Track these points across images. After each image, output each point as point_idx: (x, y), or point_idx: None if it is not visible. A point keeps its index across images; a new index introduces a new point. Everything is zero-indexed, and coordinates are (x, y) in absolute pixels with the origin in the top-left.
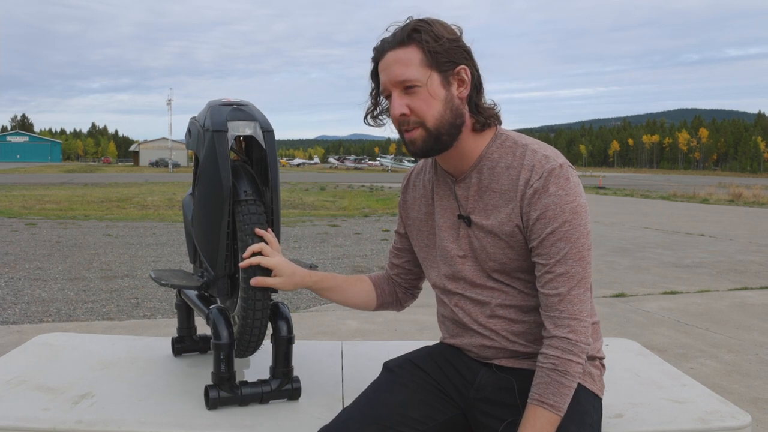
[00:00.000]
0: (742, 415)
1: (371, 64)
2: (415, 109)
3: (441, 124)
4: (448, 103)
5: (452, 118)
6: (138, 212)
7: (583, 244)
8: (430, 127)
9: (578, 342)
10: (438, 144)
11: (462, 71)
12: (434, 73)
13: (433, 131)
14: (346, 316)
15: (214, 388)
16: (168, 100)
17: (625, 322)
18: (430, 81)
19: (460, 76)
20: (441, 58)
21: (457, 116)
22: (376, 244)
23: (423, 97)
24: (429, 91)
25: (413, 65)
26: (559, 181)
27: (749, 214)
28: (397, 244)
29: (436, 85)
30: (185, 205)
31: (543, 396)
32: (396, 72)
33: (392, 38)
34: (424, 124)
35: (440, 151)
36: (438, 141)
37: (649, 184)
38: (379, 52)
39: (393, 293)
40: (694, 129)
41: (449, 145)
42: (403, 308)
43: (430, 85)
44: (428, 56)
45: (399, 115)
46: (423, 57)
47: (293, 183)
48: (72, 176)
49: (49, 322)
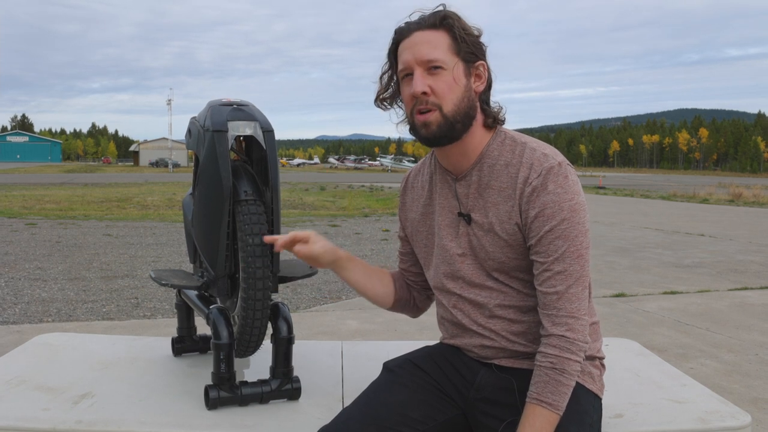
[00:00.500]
0: (742, 415)
1: (390, 44)
2: (437, 90)
3: (458, 111)
4: (467, 92)
5: (468, 108)
6: (138, 212)
7: (581, 242)
8: (447, 112)
9: (576, 340)
10: (451, 131)
11: (481, 66)
12: (460, 61)
13: (450, 117)
14: (346, 316)
15: (214, 388)
16: (168, 100)
17: (625, 322)
18: (456, 67)
19: (479, 71)
20: (467, 49)
21: (471, 107)
22: (376, 244)
23: (446, 81)
24: (453, 76)
25: (441, 48)
26: (558, 179)
27: (749, 214)
28: (402, 248)
29: (460, 73)
30: (185, 205)
31: (541, 395)
32: (423, 51)
33: (422, 20)
34: (441, 108)
35: (450, 140)
36: (452, 128)
37: (649, 184)
38: (404, 30)
39: (408, 292)
40: (694, 129)
41: (460, 135)
42: (420, 312)
43: (456, 71)
44: (456, 44)
45: (420, 93)
46: (451, 43)
47: (293, 183)
48: (72, 176)
49: (49, 322)
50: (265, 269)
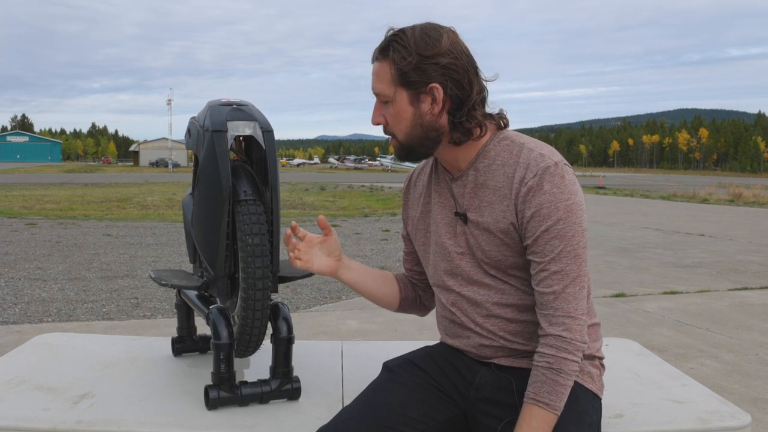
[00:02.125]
0: (742, 415)
1: None
2: (388, 121)
3: (410, 138)
4: (417, 120)
5: (423, 133)
6: (138, 212)
7: (578, 242)
8: (401, 141)
9: (573, 340)
10: (413, 154)
11: (434, 89)
12: (402, 90)
13: (405, 144)
14: (346, 316)
15: (214, 388)
16: (168, 100)
17: (625, 322)
18: (398, 98)
19: (432, 94)
20: (409, 77)
21: (429, 130)
22: (376, 244)
23: (392, 113)
24: (395, 109)
25: (385, 80)
26: (554, 179)
27: (749, 214)
28: (406, 248)
29: (404, 103)
30: (185, 205)
31: (538, 395)
32: (373, 84)
33: (374, 51)
34: (395, 136)
35: (419, 158)
36: (412, 152)
37: (649, 184)
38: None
39: (413, 291)
40: (694, 129)
41: (427, 154)
42: (428, 311)
43: (398, 103)
44: (399, 74)
45: (375, 123)
46: (394, 74)
47: (293, 183)
48: (72, 176)
49: (49, 322)
50: (265, 269)
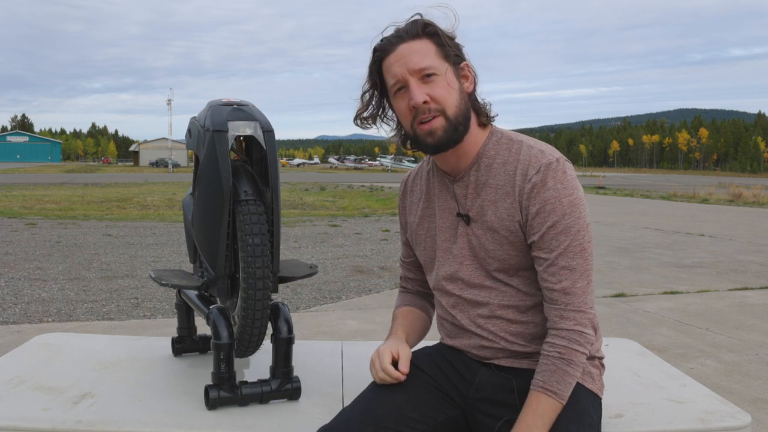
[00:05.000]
0: (742, 415)
1: (371, 63)
2: (436, 97)
3: (459, 113)
4: (462, 94)
5: (466, 109)
6: (138, 212)
7: (584, 236)
8: (450, 116)
9: (584, 333)
10: (456, 134)
11: (466, 67)
12: (449, 65)
13: (453, 120)
14: (346, 316)
15: (214, 388)
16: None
17: (625, 322)
18: (448, 71)
19: (465, 71)
20: (453, 52)
21: (468, 108)
22: (376, 244)
23: (442, 86)
24: (447, 80)
25: (430, 55)
26: (557, 175)
27: (749, 214)
28: (406, 257)
29: (452, 76)
30: (185, 205)
31: (547, 383)
32: (414, 60)
33: (403, 32)
34: (444, 112)
35: (455, 143)
36: (456, 131)
37: (649, 184)
38: (386, 46)
39: (430, 304)
40: (694, 129)
41: (462, 137)
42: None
43: (448, 75)
44: (443, 49)
45: (421, 102)
46: (438, 49)
47: (293, 183)
48: (72, 176)
49: (49, 322)
50: (265, 269)
